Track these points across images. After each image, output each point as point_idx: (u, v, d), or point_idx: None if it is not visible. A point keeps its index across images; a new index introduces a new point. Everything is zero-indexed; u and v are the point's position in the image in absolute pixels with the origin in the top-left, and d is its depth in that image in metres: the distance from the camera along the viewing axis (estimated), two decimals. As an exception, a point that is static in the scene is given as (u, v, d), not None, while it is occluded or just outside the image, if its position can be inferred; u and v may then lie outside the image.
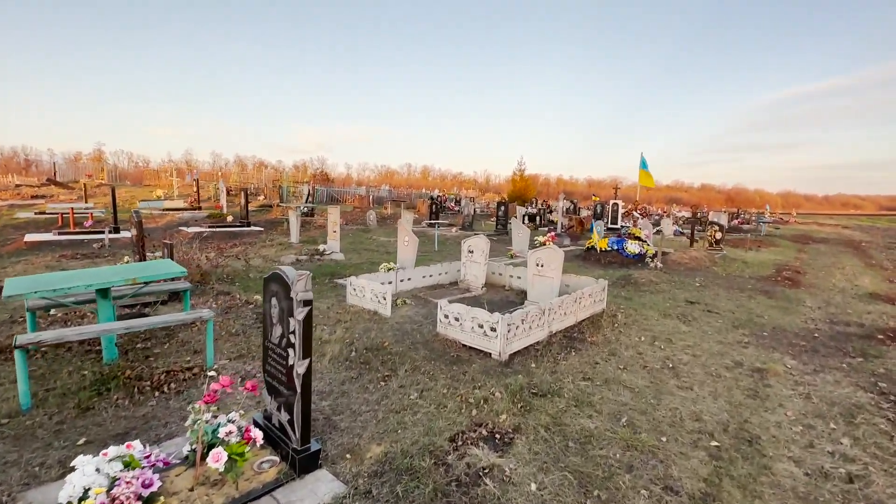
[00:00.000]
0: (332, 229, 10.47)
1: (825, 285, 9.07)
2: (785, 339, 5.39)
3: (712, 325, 5.89)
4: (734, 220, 29.09)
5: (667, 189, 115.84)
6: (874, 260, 15.14)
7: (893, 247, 21.12)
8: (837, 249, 17.12)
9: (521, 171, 45.33)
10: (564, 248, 13.71)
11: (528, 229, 11.88)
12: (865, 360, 4.79)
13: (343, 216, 19.54)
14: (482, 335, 4.49)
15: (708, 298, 7.40)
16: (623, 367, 4.28)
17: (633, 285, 8.25)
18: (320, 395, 3.57)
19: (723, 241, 13.97)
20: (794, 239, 20.37)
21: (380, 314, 5.67)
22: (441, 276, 7.83)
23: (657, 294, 7.62)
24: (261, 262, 9.13)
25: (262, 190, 23.07)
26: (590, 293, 5.93)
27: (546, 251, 6.28)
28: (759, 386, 4.00)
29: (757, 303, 7.25)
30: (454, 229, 17.57)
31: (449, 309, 4.83)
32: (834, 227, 33.13)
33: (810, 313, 6.76)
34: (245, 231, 13.48)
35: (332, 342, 4.59)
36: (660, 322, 5.87)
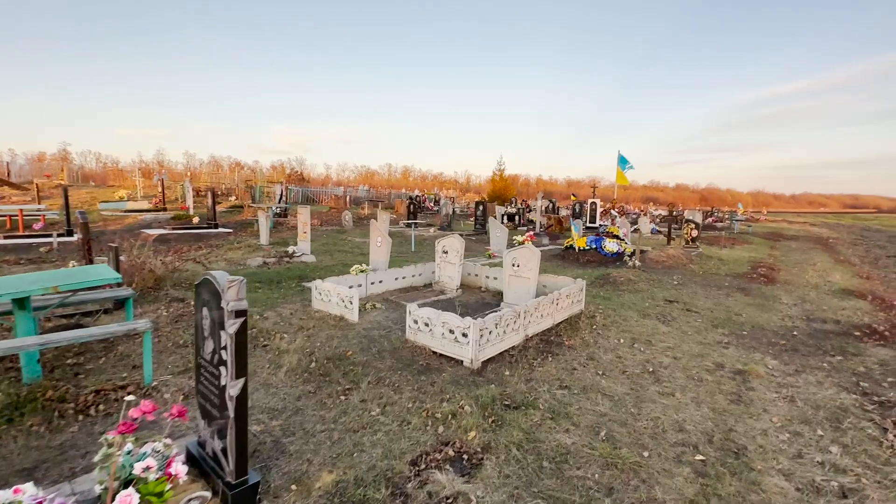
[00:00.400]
0: (303, 230, 10.01)
1: (799, 282, 9.12)
2: (764, 339, 5.27)
3: (692, 324, 5.74)
4: (708, 219, 29.66)
5: (643, 188, 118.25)
6: (842, 256, 15.51)
7: (859, 243, 21.81)
8: (808, 246, 17.52)
9: (500, 171, 45.31)
10: (543, 248, 13.57)
11: (506, 229, 11.66)
12: (845, 358, 4.68)
13: (318, 217, 19.00)
14: (453, 342, 4.19)
15: (686, 297, 7.29)
16: (602, 372, 4.04)
17: (611, 284, 8.09)
18: (271, 414, 3.21)
19: (699, 239, 14.07)
20: (766, 236, 20.81)
21: (346, 320, 5.31)
22: (415, 277, 7.50)
23: (636, 293, 7.47)
24: (224, 266, 8.63)
25: (233, 190, 22.26)
26: (567, 294, 5.71)
27: (522, 251, 6.03)
28: (742, 389, 3.82)
29: (735, 301, 7.17)
30: (432, 229, 17.25)
31: (418, 314, 4.52)
32: (802, 225, 34.20)
33: (787, 310, 6.71)
34: (212, 233, 12.85)
35: (290, 352, 4.22)
36: (639, 323, 5.68)
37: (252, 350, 4.35)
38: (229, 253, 10.32)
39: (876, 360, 4.62)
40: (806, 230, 27.70)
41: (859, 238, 24.59)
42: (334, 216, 19.63)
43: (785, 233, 23.95)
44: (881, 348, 5.01)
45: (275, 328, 4.93)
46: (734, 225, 22.82)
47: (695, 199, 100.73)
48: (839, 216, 75.49)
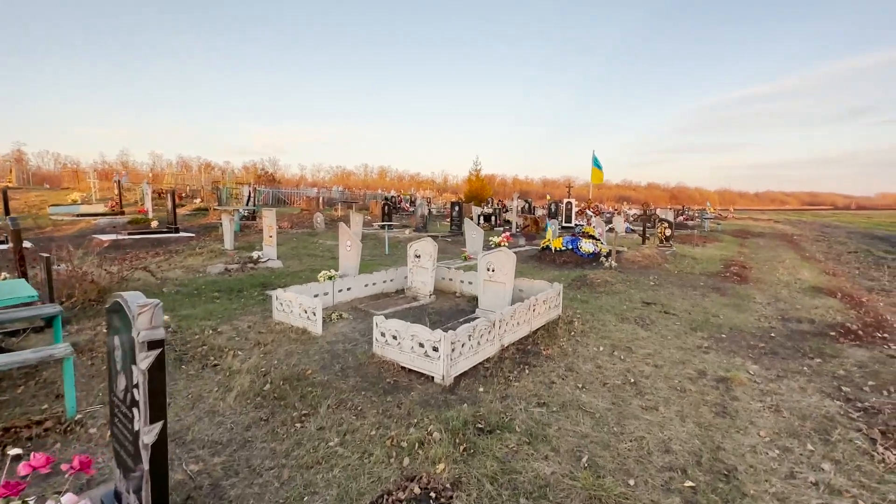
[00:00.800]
0: (268, 234, 9.49)
1: (771, 280, 9.21)
2: (743, 341, 5.16)
3: (670, 328, 5.59)
4: (679, 217, 30.31)
5: (617, 188, 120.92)
6: (808, 252, 15.97)
7: (821, 239, 22.64)
8: (774, 243, 18.00)
9: (476, 171, 45.26)
10: (519, 249, 13.41)
11: (481, 230, 11.42)
12: (824, 360, 4.60)
13: (289, 219, 18.34)
14: (423, 356, 3.87)
15: (663, 298, 7.19)
16: (582, 385, 3.80)
17: (588, 286, 7.94)
18: (214, 449, 2.81)
19: (672, 238, 14.18)
20: (735, 234, 21.32)
21: (309, 332, 4.91)
22: (386, 283, 7.14)
23: (613, 295, 7.33)
24: (181, 274, 8.05)
25: (199, 192, 21.26)
26: (545, 299, 5.47)
27: (497, 254, 5.76)
28: (726, 399, 3.65)
29: (711, 301, 7.11)
30: (408, 231, 16.88)
31: (385, 326, 4.18)
32: (767, 222, 35.43)
33: (762, 310, 6.68)
34: (172, 237, 12.13)
35: (243, 372, 3.80)
36: (618, 328, 5.50)
37: (200, 371, 3.92)
38: (189, 259, 9.70)
39: (854, 362, 4.55)
40: (771, 227, 28.65)
41: (821, 235, 25.57)
42: (306, 218, 18.98)
43: (752, 230, 24.65)
44: (857, 349, 4.97)
45: (228, 344, 4.49)
46: (704, 223, 23.34)
47: (665, 198, 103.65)
48: (799, 213, 79.01)
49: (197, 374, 3.87)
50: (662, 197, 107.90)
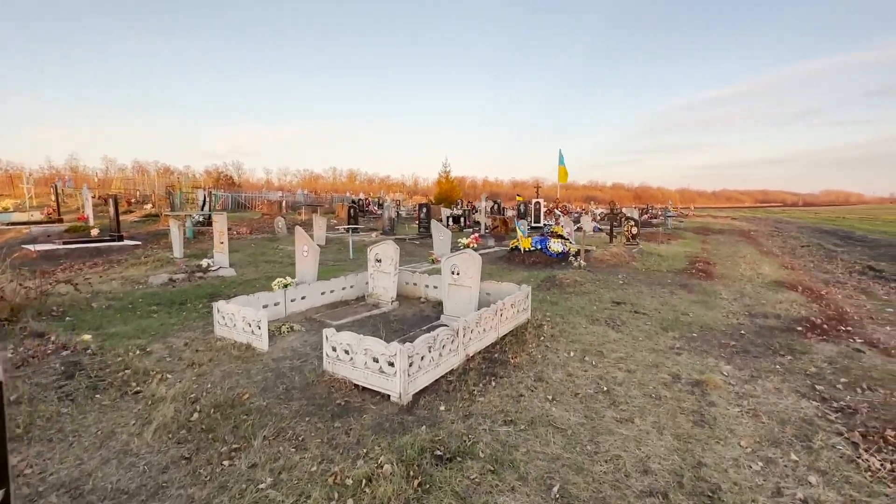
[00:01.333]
0: (219, 240, 8.82)
1: (734, 275, 9.31)
2: (714, 340, 5.03)
3: (641, 328, 5.41)
4: (644, 216, 31.05)
5: (583, 188, 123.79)
6: (765, 247, 16.52)
7: (776, 235, 23.63)
8: (734, 239, 18.56)
9: (446, 173, 45.08)
10: (489, 250, 13.17)
11: (449, 232, 11.09)
12: (794, 358, 4.50)
13: (248, 224, 17.46)
14: (378, 372, 3.47)
15: (633, 297, 7.05)
16: (552, 397, 3.50)
17: (558, 287, 7.73)
18: (116, 501, 2.32)
19: (638, 236, 14.32)
20: (696, 231, 21.91)
21: (254, 349, 4.42)
22: (346, 290, 6.68)
23: (583, 296, 7.14)
24: (118, 286, 7.30)
25: (150, 197, 19.95)
26: (512, 303, 5.17)
27: (461, 257, 5.42)
28: (703, 405, 3.43)
29: (679, 299, 7.03)
30: (374, 234, 16.36)
31: (337, 339, 3.75)
32: (725, 220, 36.86)
33: (729, 307, 6.64)
34: (115, 246, 11.17)
35: (168, 400, 3.29)
36: (589, 330, 5.27)
37: (117, 401, 3.38)
38: (130, 270, 8.89)
39: (823, 358, 4.47)
40: (729, 224, 29.75)
41: (775, 230, 26.74)
42: (267, 223, 18.12)
43: (712, 227, 25.46)
44: (825, 344, 4.92)
45: (157, 367, 3.94)
46: (668, 221, 23.93)
47: (630, 198, 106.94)
48: (754, 210, 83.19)
49: (112, 404, 3.33)
50: (627, 197, 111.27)
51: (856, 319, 6.00)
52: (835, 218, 44.69)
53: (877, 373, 4.09)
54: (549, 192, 53.12)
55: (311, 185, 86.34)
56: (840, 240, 20.65)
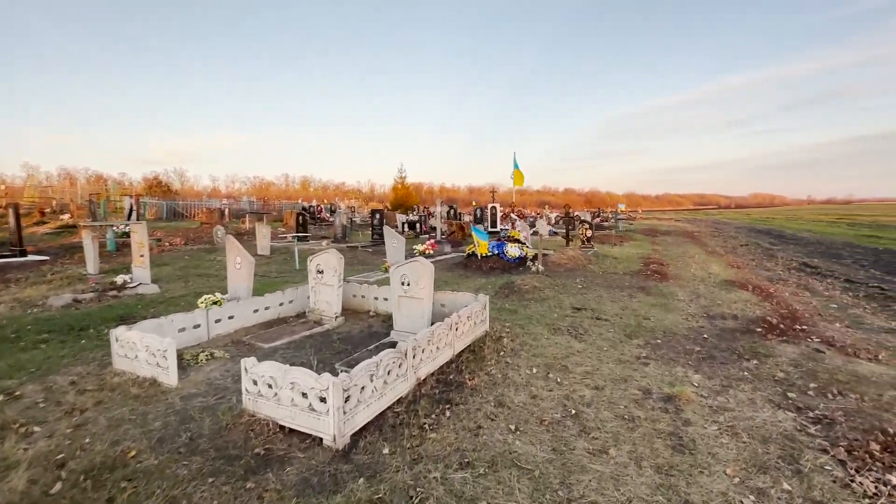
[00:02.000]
0: (139, 253, 7.75)
1: (687, 276, 9.38)
2: (679, 346, 4.80)
3: (605, 336, 5.10)
4: (596, 219, 31.94)
5: (537, 193, 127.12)
6: (709, 247, 17.20)
7: (716, 234, 24.91)
8: (681, 240, 19.25)
9: (402, 179, 44.46)
10: (445, 256, 12.72)
11: (402, 238, 10.52)
12: (760, 362, 4.33)
13: (184, 234, 16.01)
14: (308, 410, 2.86)
15: (593, 302, 6.81)
16: (515, 427, 3.03)
17: (517, 294, 7.37)
18: None
19: (593, 239, 14.39)
20: (645, 232, 22.64)
21: (161, 384, 3.65)
22: (284, 306, 5.95)
23: (542, 302, 6.81)
24: (4, 310, 6.13)
25: (68, 207, 17.83)
26: (469, 315, 4.70)
27: (412, 266, 4.89)
28: (679, 425, 3.09)
29: (639, 302, 6.86)
30: (325, 242, 15.47)
31: (258, 371, 3.09)
32: (670, 221, 38.74)
33: (687, 308, 6.53)
34: (14, 262, 9.67)
35: (21, 467, 2.51)
36: (551, 341, 4.89)
37: (-49, 470, 2.54)
38: (29, 289, 7.62)
39: (788, 361, 4.33)
40: (674, 225, 31.18)
41: (715, 230, 28.26)
42: (205, 233, 16.71)
43: (659, 228, 26.50)
44: (786, 345, 4.81)
45: (22, 417, 3.10)
46: (619, 224, 24.62)
47: (581, 202, 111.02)
48: (693, 212, 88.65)
49: (-58, 476, 2.50)
50: (578, 201, 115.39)
51: (807, 317, 6.04)
52: (765, 218, 48.30)
53: (841, 375, 3.96)
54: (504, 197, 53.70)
55: (261, 192, 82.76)
56: (774, 238, 22.05)
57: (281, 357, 4.36)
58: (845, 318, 6.27)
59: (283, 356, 4.40)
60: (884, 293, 8.18)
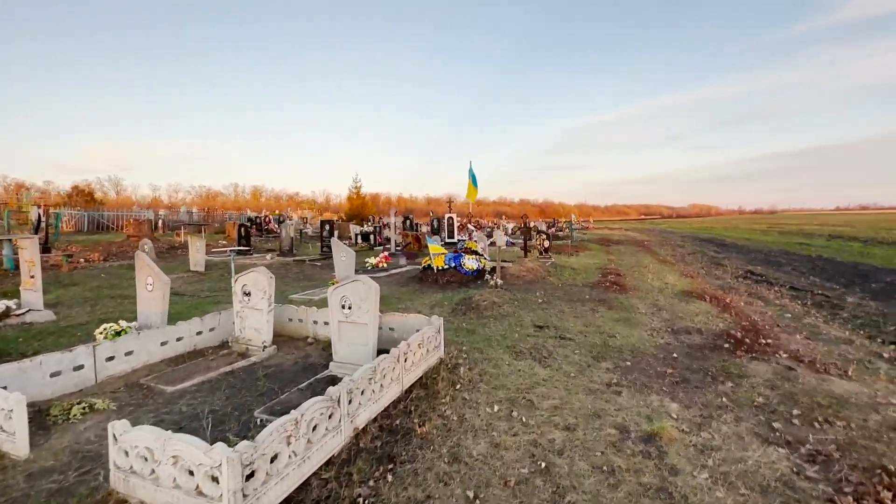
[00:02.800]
0: (29, 273, 6.50)
1: (645, 287, 9.26)
2: (650, 369, 4.41)
3: (571, 359, 4.64)
4: (551, 229, 32.39)
5: (493, 204, 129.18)
6: (660, 255, 17.61)
7: (665, 243, 25.85)
8: (633, 249, 19.66)
9: (356, 188, 43.29)
10: (400, 269, 12.03)
11: (353, 251, 9.74)
12: (735, 384, 4.00)
13: (105, 249, 14.29)
14: (196, 495, 2.11)
15: (555, 318, 6.38)
16: (474, 493, 2.42)
17: (475, 311, 6.83)
18: None
19: (550, 249, 14.23)
20: (599, 242, 23.05)
21: (4, 454, 2.73)
22: (203, 335, 5.05)
23: (502, 320, 6.31)
24: None
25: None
26: (420, 342, 4.07)
27: (353, 286, 4.21)
28: (665, 473, 2.61)
29: (602, 317, 6.52)
30: (269, 256, 14.30)
31: (129, 440, 2.30)
32: (620, 231, 40.15)
33: (651, 322, 6.25)
34: None
35: None
36: (513, 368, 4.35)
37: None
38: None
39: (763, 382, 4.03)
40: (625, 235, 32.21)
41: (663, 239, 29.41)
42: (132, 246, 15.02)
43: (611, 238, 27.18)
44: (757, 362, 4.55)
45: None
46: (573, 234, 24.97)
47: (535, 212, 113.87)
48: (640, 222, 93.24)
49: None
50: (533, 211, 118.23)
51: (768, 329, 5.91)
52: (705, 228, 51.33)
53: (820, 397, 3.69)
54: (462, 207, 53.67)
55: (208, 202, 78.31)
56: (717, 247, 23.12)
57: (187, 403, 3.53)
58: (803, 329, 6.22)
59: (191, 402, 3.56)
60: (829, 301, 8.40)
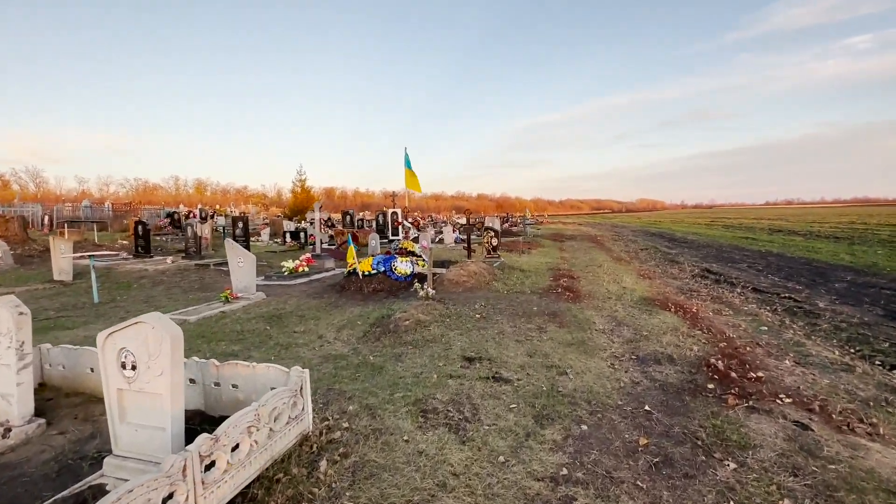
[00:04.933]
0: None
1: (601, 293, 8.06)
2: (615, 437, 3.01)
3: (503, 424, 3.16)
4: (505, 224, 31.43)
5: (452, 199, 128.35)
6: (614, 252, 16.82)
7: (617, 238, 25.45)
8: (586, 245, 18.82)
9: (301, 182, 40.34)
10: (323, 274, 10.18)
11: (251, 254, 7.85)
12: (740, 467, 2.67)
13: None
14: None
15: (492, 344, 4.93)
16: None
17: (392, 334, 5.27)
18: None
19: (499, 248, 12.89)
20: (552, 238, 22.17)
21: None
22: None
23: (424, 348, 4.78)
24: None
25: None
26: (251, 423, 2.43)
27: (136, 331, 2.48)
28: None
29: (551, 340, 5.14)
30: (171, 259, 11.99)
31: None
32: (573, 225, 40.00)
33: (611, 346, 4.95)
34: None
35: None
36: (413, 447, 2.81)
37: None
38: None
39: (775, 459, 2.73)
40: (578, 230, 31.80)
41: (615, 234, 29.18)
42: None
43: (564, 233, 26.51)
44: (758, 417, 3.27)
45: None
46: (527, 229, 23.99)
47: (493, 207, 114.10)
48: (592, 216, 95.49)
49: None
50: (490, 206, 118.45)
51: (750, 353, 4.75)
52: (653, 222, 52.64)
53: (862, 481, 2.42)
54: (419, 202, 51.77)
55: (145, 196, 71.79)
56: (669, 242, 22.88)
57: None
58: (788, 350, 5.13)
59: None
60: (801, 307, 7.54)
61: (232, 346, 5.02)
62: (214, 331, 5.68)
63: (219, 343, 5.17)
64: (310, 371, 3.15)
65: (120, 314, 6.91)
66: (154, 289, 8.83)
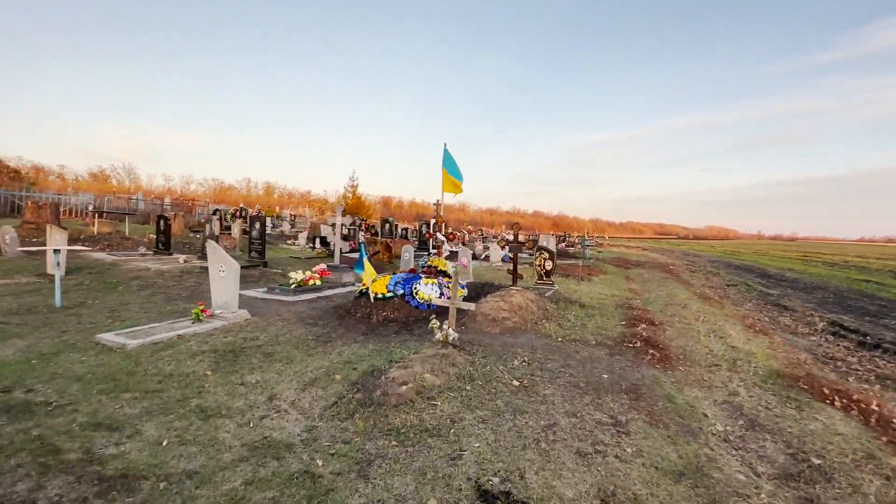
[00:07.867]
0: None
1: (700, 352, 5.61)
2: None
3: None
4: (561, 244, 28.67)
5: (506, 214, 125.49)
6: (695, 286, 13.84)
7: (694, 269, 21.94)
8: (658, 275, 15.88)
9: (353, 187, 40.16)
10: (334, 291, 8.32)
11: (235, 263, 6.27)
12: None
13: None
14: None
15: (532, 458, 2.81)
16: None
17: (373, 409, 3.34)
18: None
19: (554, 272, 10.58)
20: (615, 263, 19.30)
21: None
22: None
23: (414, 452, 2.78)
24: None
25: None
26: None
27: None
28: None
29: (640, 457, 2.92)
30: (182, 259, 10.92)
31: None
32: (637, 250, 36.14)
33: (751, 481, 2.66)
34: None
35: None
36: None
37: None
38: None
39: None
40: (644, 255, 28.29)
41: (689, 263, 25.45)
42: (24, 234, 11.81)
43: (629, 258, 23.35)
44: None
45: None
46: (586, 251, 21.26)
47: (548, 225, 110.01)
48: (656, 241, 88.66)
49: None
50: (546, 224, 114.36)
51: None
52: (731, 252, 46.96)
53: None
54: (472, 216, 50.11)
55: (220, 196, 76.64)
56: (761, 278, 19.15)
57: None
58: None
59: None
60: None
61: (129, 408, 3.29)
62: (134, 371, 4.02)
63: (119, 396, 3.48)
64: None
65: (72, 325, 5.55)
66: (138, 293, 7.54)
